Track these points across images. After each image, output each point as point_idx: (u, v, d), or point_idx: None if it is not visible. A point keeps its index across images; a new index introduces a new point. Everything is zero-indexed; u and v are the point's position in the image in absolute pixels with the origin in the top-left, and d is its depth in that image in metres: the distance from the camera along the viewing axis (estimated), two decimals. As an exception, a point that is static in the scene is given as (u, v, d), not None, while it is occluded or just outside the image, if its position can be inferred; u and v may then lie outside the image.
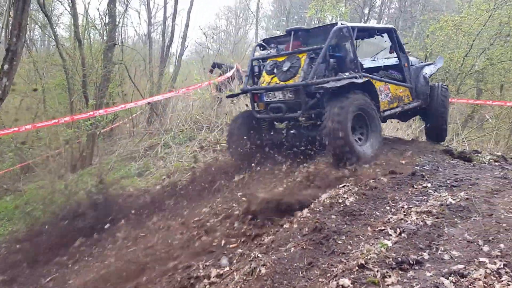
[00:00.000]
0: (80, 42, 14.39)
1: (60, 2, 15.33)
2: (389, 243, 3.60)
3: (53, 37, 15.56)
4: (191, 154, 9.59)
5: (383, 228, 4.00)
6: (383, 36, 7.42)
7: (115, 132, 17.76)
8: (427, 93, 7.55)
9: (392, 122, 10.83)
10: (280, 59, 6.57)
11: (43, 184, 11.22)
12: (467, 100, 13.92)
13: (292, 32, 6.85)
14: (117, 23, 15.72)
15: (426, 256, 3.33)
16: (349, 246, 3.85)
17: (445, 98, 7.66)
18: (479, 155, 6.45)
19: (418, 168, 5.55)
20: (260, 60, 7.12)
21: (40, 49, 23.25)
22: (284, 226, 4.75)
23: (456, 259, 3.20)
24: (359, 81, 6.05)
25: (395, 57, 7.39)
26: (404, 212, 4.24)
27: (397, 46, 7.22)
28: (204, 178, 7.18)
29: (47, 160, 14.23)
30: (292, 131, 6.78)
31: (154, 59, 20.12)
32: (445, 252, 3.32)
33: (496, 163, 6.08)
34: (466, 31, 14.54)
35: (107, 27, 14.60)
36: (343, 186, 5.30)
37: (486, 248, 3.26)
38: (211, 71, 14.00)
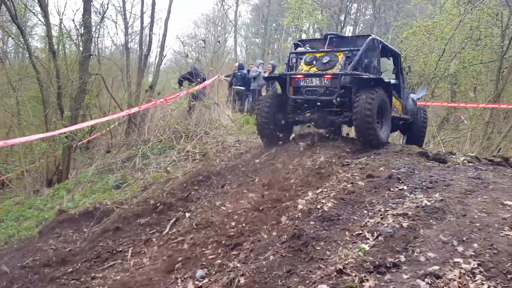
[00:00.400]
0: (54, 53, 14.13)
1: (33, 13, 15.04)
2: (367, 247, 3.65)
3: (26, 49, 15.35)
4: (170, 164, 9.54)
5: (360, 232, 4.04)
6: (389, 59, 8.90)
7: (93, 144, 17.56)
8: (414, 111, 9.18)
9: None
10: (318, 55, 7.93)
11: (19, 200, 11.02)
12: (441, 103, 14.16)
13: (329, 37, 8.47)
14: (93, 34, 15.63)
15: (402, 258, 3.37)
16: (327, 252, 3.89)
17: (425, 116, 9.43)
18: (454, 156, 6.55)
19: (394, 171, 5.61)
20: (297, 54, 8.41)
21: (14, 61, 22.94)
22: (263, 234, 4.75)
23: (431, 261, 3.25)
24: (386, 80, 7.70)
25: (393, 79, 8.74)
26: (381, 215, 4.29)
27: (399, 70, 8.85)
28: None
29: (21, 175, 14.03)
30: (317, 114, 7.91)
31: (132, 69, 19.96)
32: (421, 254, 3.37)
33: (470, 164, 6.17)
34: (438, 36, 14.83)
35: (83, 38, 14.50)
36: (320, 192, 5.34)
37: (460, 249, 3.32)
38: (180, 84, 13.95)
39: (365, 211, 4.57)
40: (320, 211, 4.68)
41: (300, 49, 8.65)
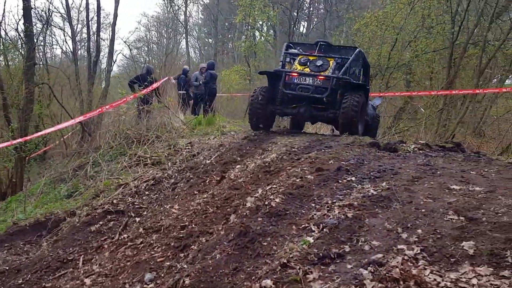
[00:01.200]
0: None
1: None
2: (311, 240, 3.54)
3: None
4: (122, 170, 9.22)
5: (306, 225, 3.92)
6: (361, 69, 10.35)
7: (49, 155, 17.05)
8: (373, 115, 10.89)
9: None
10: (312, 58, 9.32)
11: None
12: (395, 93, 14.25)
13: (319, 43, 10.15)
14: (36, 42, 15.15)
15: (347, 248, 3.26)
16: (274, 247, 3.75)
17: (378, 120, 11.65)
18: (404, 145, 6.50)
19: (344, 163, 5.50)
20: (290, 55, 9.75)
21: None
22: (212, 234, 4.57)
23: (375, 249, 3.14)
24: (367, 86, 9.76)
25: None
26: (327, 207, 4.17)
27: (367, 79, 10.58)
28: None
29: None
30: (304, 108, 9.03)
31: (82, 76, 19.44)
32: (366, 243, 3.26)
33: (421, 151, 6.13)
34: (389, 26, 14.91)
35: (25, 47, 14.04)
36: (270, 188, 5.18)
37: (404, 235, 3.22)
38: (131, 88, 13.63)
39: (313, 204, 4.43)
40: (268, 207, 4.52)
41: (292, 51, 9.93)
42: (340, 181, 4.87)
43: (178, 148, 9.29)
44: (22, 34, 15.23)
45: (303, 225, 3.95)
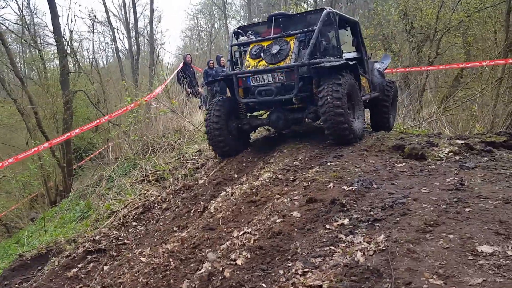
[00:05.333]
0: (22, 80, 13.50)
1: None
2: None
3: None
4: (130, 187, 8.24)
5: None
6: (346, 30, 7.57)
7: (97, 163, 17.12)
8: (383, 85, 7.78)
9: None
10: (265, 43, 6.58)
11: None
12: (438, 66, 12.20)
13: (273, 19, 6.96)
14: (74, 49, 15.32)
15: None
16: None
17: (390, 88, 8.01)
18: (435, 149, 4.91)
19: (345, 188, 4.08)
20: (240, 46, 7.12)
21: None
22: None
23: None
24: (352, 63, 6.29)
25: (354, 51, 7.49)
26: (292, 285, 2.81)
27: (359, 40, 7.46)
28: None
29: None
30: (275, 114, 6.69)
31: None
32: None
33: (457, 157, 4.58)
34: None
35: (59, 57, 14.11)
36: (242, 234, 3.90)
37: None
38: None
39: (281, 272, 3.08)
40: (220, 277, 3.24)
41: (242, 39, 7.22)
42: (328, 226, 3.47)
43: (185, 159, 8.13)
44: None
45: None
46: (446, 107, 10.77)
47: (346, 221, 3.44)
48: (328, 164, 4.99)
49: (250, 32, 7.34)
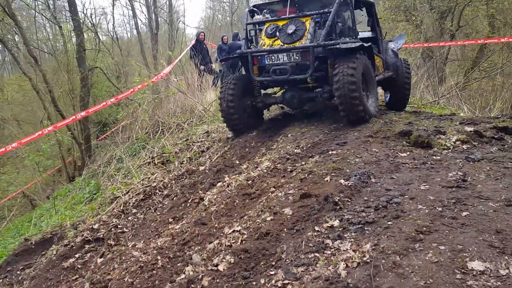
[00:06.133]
0: (35, 59, 13.47)
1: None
2: None
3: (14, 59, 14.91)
4: (137, 169, 8.13)
5: None
6: (362, 10, 7.55)
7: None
8: (397, 65, 7.69)
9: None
10: (281, 23, 6.65)
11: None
12: (456, 42, 11.58)
13: None
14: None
15: None
16: None
17: (408, 69, 7.92)
18: (442, 137, 4.59)
19: (342, 182, 3.85)
20: (255, 25, 7.15)
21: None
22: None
23: None
24: (367, 45, 6.37)
25: (369, 31, 7.53)
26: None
27: (375, 21, 7.41)
28: None
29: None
30: (289, 93, 6.76)
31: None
32: None
33: (464, 147, 4.28)
34: None
35: (75, 34, 14.57)
36: (231, 233, 3.72)
37: None
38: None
39: (262, 281, 2.90)
40: (199, 286, 3.07)
41: (257, 18, 7.28)
42: (317, 228, 3.25)
43: (192, 141, 7.96)
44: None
45: None
46: (467, 82, 10.29)
47: (336, 223, 3.22)
48: (329, 153, 4.75)
49: (265, 10, 7.37)
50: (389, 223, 2.98)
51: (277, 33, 6.58)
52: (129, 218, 5.93)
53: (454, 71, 13.97)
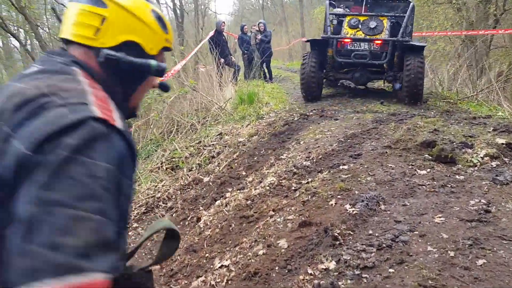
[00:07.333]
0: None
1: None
2: None
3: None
4: (151, 172, 7.77)
5: None
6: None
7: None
8: None
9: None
10: (362, 18, 8.28)
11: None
12: (497, 31, 10.65)
13: None
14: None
15: None
16: None
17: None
18: (469, 151, 4.00)
19: (347, 208, 3.35)
20: (336, 16, 8.93)
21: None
22: None
23: None
24: (425, 44, 8.45)
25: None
26: None
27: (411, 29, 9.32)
28: None
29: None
30: (360, 73, 8.41)
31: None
32: None
33: (493, 164, 3.70)
34: None
35: None
36: (212, 273, 3.30)
37: None
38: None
39: None
40: None
41: (338, 10, 9.13)
42: (310, 270, 2.77)
43: (203, 144, 7.54)
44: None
45: None
46: (511, 73, 9.49)
47: (332, 265, 2.73)
48: (340, 168, 4.24)
49: (342, 5, 9.42)
50: (391, 270, 2.48)
51: (359, 26, 8.17)
52: (130, 233, 5.57)
53: (497, 59, 13.06)
